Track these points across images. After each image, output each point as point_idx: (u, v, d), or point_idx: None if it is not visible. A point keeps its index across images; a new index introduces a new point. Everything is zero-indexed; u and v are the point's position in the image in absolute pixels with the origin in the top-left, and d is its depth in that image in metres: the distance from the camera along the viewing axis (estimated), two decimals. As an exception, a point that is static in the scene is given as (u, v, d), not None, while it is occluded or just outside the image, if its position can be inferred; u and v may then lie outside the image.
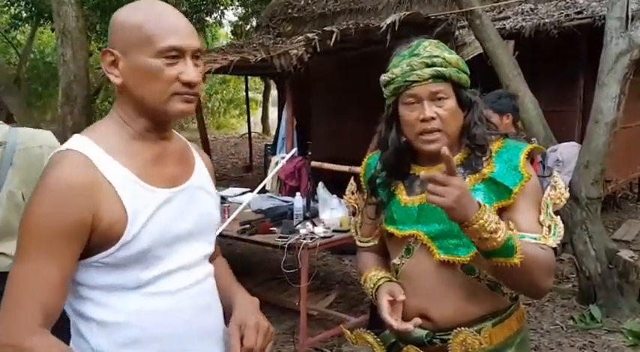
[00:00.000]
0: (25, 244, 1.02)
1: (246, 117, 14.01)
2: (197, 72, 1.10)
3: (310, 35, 5.14)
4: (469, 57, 5.42)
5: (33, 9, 13.08)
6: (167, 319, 1.11)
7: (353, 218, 1.64)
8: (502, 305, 1.36)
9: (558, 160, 4.27)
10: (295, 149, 4.45)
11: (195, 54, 1.10)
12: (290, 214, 3.65)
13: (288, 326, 3.76)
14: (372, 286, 1.43)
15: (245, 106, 13.18)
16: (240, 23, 15.19)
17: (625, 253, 4.04)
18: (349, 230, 1.79)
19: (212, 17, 14.64)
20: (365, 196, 1.53)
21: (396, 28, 4.69)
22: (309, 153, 4.50)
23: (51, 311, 1.02)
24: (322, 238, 3.31)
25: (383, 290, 1.38)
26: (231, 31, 16.77)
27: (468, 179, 1.35)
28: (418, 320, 1.33)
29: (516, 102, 3.58)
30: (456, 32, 5.43)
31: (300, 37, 5.57)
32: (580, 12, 5.77)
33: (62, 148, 1.08)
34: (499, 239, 1.16)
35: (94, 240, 1.04)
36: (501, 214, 1.33)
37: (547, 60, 5.74)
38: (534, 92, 4.50)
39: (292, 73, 5.27)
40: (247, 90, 11.66)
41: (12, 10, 14.32)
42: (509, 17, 6.13)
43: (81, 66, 7.29)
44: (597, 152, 3.95)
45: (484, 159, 1.36)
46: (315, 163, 5.18)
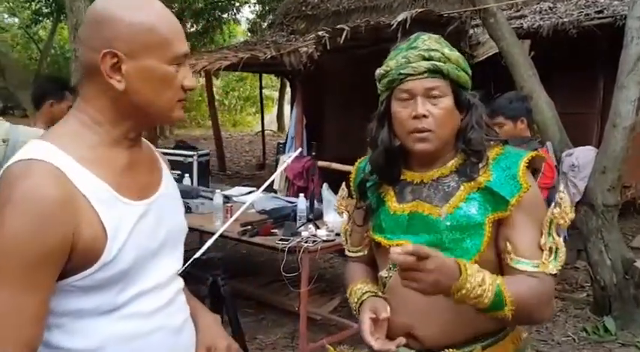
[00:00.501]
0: (1, 273, 0.89)
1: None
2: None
3: (320, 33, 5.04)
4: (483, 57, 5.28)
5: (53, 5, 13.18)
6: (141, 343, 1.02)
7: (343, 225, 1.55)
8: (495, 326, 1.25)
9: (574, 165, 4.10)
10: (300, 149, 4.36)
11: None
12: (293, 216, 3.56)
13: (289, 330, 3.68)
14: (356, 301, 1.34)
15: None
16: (257, 21, 15.14)
17: (642, 263, 3.88)
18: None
19: (228, 14, 14.60)
20: (355, 201, 1.44)
21: (407, 26, 4.57)
22: (313, 153, 4.40)
23: (34, 345, 0.92)
24: (324, 241, 3.21)
25: (366, 306, 1.28)
26: (248, 29, 16.75)
27: (463, 187, 1.25)
28: (402, 339, 1.22)
29: (529, 103, 3.44)
30: (470, 31, 5.29)
31: (312, 35, 5.49)
32: (600, 11, 5.59)
33: (23, 157, 0.94)
34: (486, 300, 1.11)
35: (71, 262, 0.93)
36: (498, 227, 1.23)
37: (565, 60, 5.56)
38: (551, 94, 4.34)
39: (302, 71, 5.18)
40: (261, 87, 11.59)
41: (33, 6, 14.46)
42: (526, 16, 5.96)
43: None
44: (614, 157, 3.79)
45: (480, 166, 1.26)
46: (322, 163, 5.08)
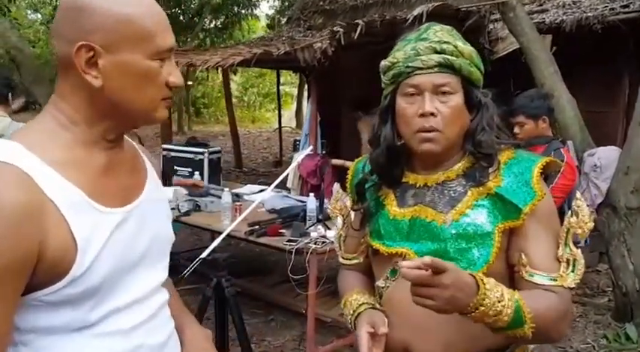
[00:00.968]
0: None
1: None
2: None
3: (335, 28, 4.94)
4: (503, 53, 5.12)
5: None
6: None
7: (337, 230, 1.46)
8: (501, 342, 1.14)
9: (596, 165, 3.95)
10: (311, 147, 4.26)
11: None
12: (303, 216, 3.47)
13: (298, 332, 3.60)
14: (352, 313, 1.25)
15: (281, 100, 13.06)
16: (275, 16, 15.08)
17: (667, 268, 3.72)
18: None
19: (247, 10, 14.56)
20: (351, 204, 1.35)
21: (424, 21, 4.45)
22: (323, 151, 4.31)
23: None
24: (333, 243, 3.12)
25: (363, 319, 1.19)
26: (267, 25, 16.69)
27: (470, 192, 1.15)
28: (401, 357, 1.13)
29: (551, 102, 3.31)
30: (490, 26, 5.13)
31: (327, 30, 5.39)
32: (626, 5, 5.37)
33: None
34: (506, 318, 1.00)
35: (37, 276, 0.85)
36: (510, 237, 1.13)
37: (588, 56, 5.37)
38: (573, 91, 4.18)
39: (316, 67, 5.08)
40: (278, 83, 11.54)
41: (54, 2, 14.60)
42: (548, 10, 5.77)
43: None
44: (638, 157, 3.64)
45: (490, 170, 1.16)
46: (336, 161, 4.99)
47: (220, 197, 3.68)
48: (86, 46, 0.87)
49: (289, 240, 3.12)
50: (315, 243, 3.07)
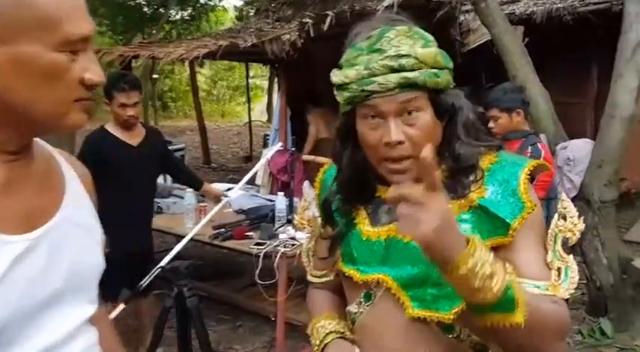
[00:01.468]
0: None
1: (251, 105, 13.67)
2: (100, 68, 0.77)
3: (304, 19, 4.77)
4: (475, 44, 5.05)
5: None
6: None
7: (305, 244, 1.32)
8: None
9: (569, 158, 3.91)
10: (280, 143, 4.12)
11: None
12: (272, 216, 3.32)
13: (268, 338, 3.45)
14: (318, 344, 1.11)
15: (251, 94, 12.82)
16: (245, 8, 14.78)
17: (640, 262, 3.71)
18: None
19: (215, 1, 14.25)
20: (320, 226, 1.20)
21: (394, 12, 4.31)
22: (293, 147, 4.17)
23: None
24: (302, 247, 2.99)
25: None
26: (235, 16, 16.37)
27: (451, 206, 1.01)
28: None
29: (525, 94, 3.23)
30: (461, 17, 5.04)
31: (296, 22, 5.22)
32: (596, -4, 5.36)
33: None
34: (495, 288, 0.81)
35: None
36: (496, 252, 0.99)
37: (559, 48, 5.35)
38: (544, 82, 4.13)
39: (285, 60, 4.91)
40: (247, 76, 11.32)
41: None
42: (519, 1, 5.72)
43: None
44: (612, 150, 3.59)
45: (471, 178, 1.02)
46: (307, 156, 4.85)
47: (183, 197, 3.50)
48: None
49: (257, 243, 2.97)
50: (284, 246, 2.93)
